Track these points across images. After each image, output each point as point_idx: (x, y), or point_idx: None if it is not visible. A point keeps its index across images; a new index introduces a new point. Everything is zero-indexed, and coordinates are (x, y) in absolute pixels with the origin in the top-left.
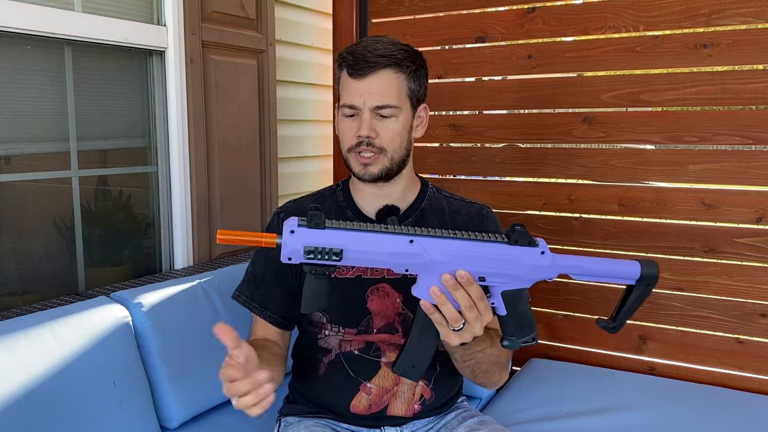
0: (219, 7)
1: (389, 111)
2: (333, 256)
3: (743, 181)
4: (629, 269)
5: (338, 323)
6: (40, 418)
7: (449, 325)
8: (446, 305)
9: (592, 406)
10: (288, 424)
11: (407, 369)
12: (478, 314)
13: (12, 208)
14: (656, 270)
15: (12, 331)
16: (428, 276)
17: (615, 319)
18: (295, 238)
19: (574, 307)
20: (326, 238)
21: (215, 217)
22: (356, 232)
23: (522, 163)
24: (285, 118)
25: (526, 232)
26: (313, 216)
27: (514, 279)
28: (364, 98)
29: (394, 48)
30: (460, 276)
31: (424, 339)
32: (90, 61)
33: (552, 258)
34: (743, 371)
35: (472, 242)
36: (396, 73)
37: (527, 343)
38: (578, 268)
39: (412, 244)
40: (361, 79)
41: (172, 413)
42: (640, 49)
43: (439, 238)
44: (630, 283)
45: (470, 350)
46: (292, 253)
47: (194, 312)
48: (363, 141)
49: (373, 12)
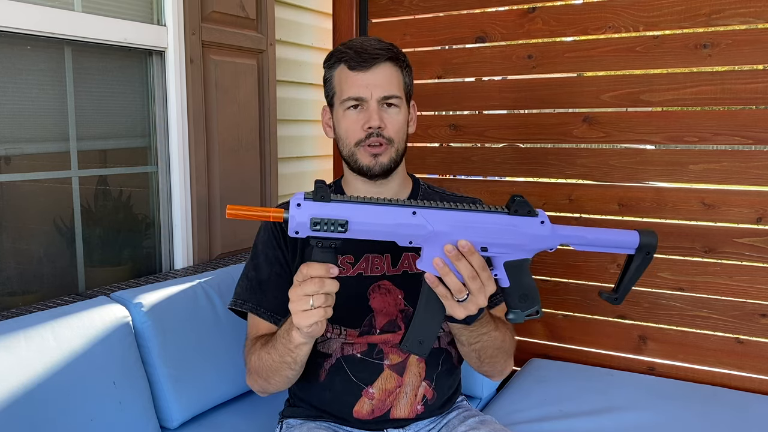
0: (219, 7)
1: (395, 101)
2: (338, 228)
3: (743, 181)
4: (628, 238)
5: (340, 323)
6: (40, 418)
7: (453, 297)
8: (449, 276)
9: (592, 406)
10: (290, 426)
11: (414, 344)
12: (481, 285)
13: (12, 208)
14: (655, 239)
15: (12, 331)
16: (431, 248)
17: (617, 290)
18: (302, 210)
19: (574, 307)
20: (332, 210)
21: (215, 217)
22: (360, 204)
23: (522, 163)
24: (285, 118)
25: (525, 201)
26: (318, 189)
27: (515, 249)
28: (371, 89)
29: (386, 44)
30: (462, 246)
31: (430, 313)
32: (90, 61)
33: (552, 228)
34: (743, 371)
35: (473, 212)
36: (395, 66)
37: (531, 315)
38: (578, 238)
39: (414, 215)
40: (366, 71)
41: (172, 413)
42: (640, 49)
43: (441, 209)
44: (630, 252)
45: (476, 332)
46: (299, 226)
47: (194, 312)
48: (373, 132)
49: (373, 12)
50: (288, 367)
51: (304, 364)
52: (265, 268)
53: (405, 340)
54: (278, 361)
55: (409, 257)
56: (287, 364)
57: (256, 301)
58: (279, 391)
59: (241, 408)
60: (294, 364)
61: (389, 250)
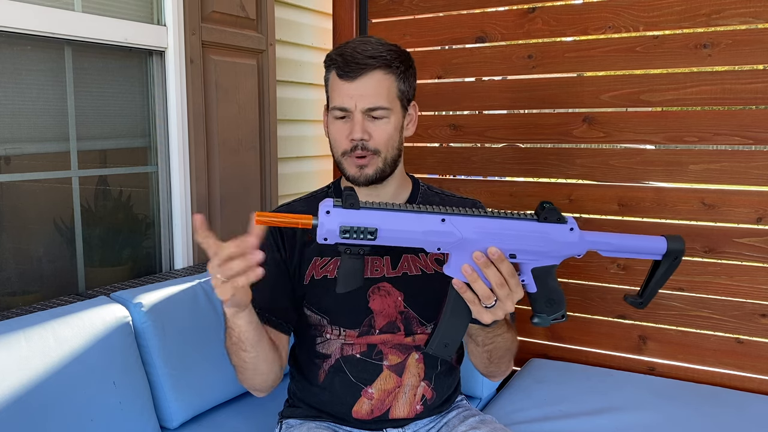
0: (219, 7)
1: (381, 113)
2: (368, 235)
3: (743, 181)
4: (656, 244)
5: (339, 324)
6: (40, 418)
7: (481, 303)
8: (478, 283)
9: (592, 406)
10: (289, 426)
11: (440, 347)
12: (509, 291)
13: (12, 208)
14: (682, 244)
15: (12, 331)
16: (459, 254)
17: (642, 295)
18: (332, 218)
19: (574, 307)
20: (361, 217)
21: (215, 217)
22: (390, 212)
23: (522, 163)
24: (285, 118)
25: (555, 209)
26: (347, 196)
27: (544, 256)
28: (355, 100)
29: (383, 49)
30: (492, 253)
31: (456, 317)
32: (90, 61)
33: (580, 234)
34: (743, 371)
35: (503, 220)
36: (386, 75)
37: (557, 320)
38: (606, 244)
39: (443, 222)
40: (352, 81)
41: (172, 413)
42: (640, 49)
43: (471, 216)
44: (657, 258)
45: (492, 333)
46: (329, 233)
47: (194, 312)
48: (357, 144)
49: (373, 12)
50: (240, 349)
51: (256, 344)
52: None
53: (431, 342)
54: (230, 345)
55: (408, 259)
56: (237, 345)
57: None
58: (264, 386)
59: (241, 408)
60: (244, 344)
61: (388, 252)
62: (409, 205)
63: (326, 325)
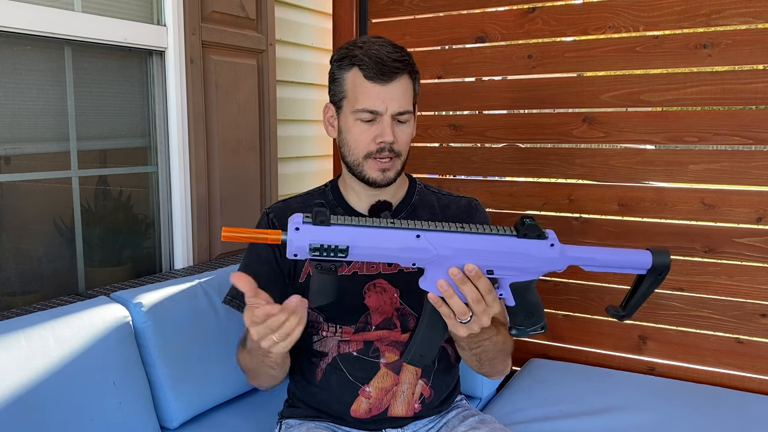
0: (219, 7)
1: (406, 116)
2: (339, 253)
3: (743, 181)
4: (640, 259)
5: (335, 321)
6: (40, 418)
7: (456, 318)
8: (454, 298)
9: (592, 406)
10: (289, 426)
11: (416, 358)
12: (485, 307)
13: (12, 208)
14: (668, 259)
15: (12, 331)
16: (436, 269)
17: (625, 308)
18: (301, 235)
19: (574, 307)
20: (332, 234)
21: (215, 217)
22: (362, 228)
23: (522, 163)
24: (285, 118)
25: (535, 225)
26: (318, 213)
27: (522, 272)
28: (387, 104)
29: (404, 52)
30: (469, 270)
31: (432, 330)
32: (90, 61)
33: (561, 249)
34: (743, 371)
35: (480, 236)
36: (409, 79)
37: (536, 331)
38: (588, 260)
39: (418, 239)
40: (384, 85)
41: (172, 413)
42: (640, 49)
43: (447, 232)
44: (641, 273)
45: (476, 339)
46: (298, 249)
47: (194, 312)
48: (385, 147)
49: (373, 12)
50: (269, 368)
51: (285, 361)
52: (256, 266)
53: (406, 353)
54: (258, 364)
55: None
56: (268, 366)
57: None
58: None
59: (241, 408)
60: (275, 365)
61: None
62: (383, 220)
63: (322, 323)
